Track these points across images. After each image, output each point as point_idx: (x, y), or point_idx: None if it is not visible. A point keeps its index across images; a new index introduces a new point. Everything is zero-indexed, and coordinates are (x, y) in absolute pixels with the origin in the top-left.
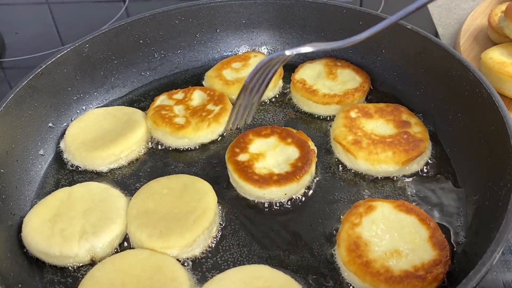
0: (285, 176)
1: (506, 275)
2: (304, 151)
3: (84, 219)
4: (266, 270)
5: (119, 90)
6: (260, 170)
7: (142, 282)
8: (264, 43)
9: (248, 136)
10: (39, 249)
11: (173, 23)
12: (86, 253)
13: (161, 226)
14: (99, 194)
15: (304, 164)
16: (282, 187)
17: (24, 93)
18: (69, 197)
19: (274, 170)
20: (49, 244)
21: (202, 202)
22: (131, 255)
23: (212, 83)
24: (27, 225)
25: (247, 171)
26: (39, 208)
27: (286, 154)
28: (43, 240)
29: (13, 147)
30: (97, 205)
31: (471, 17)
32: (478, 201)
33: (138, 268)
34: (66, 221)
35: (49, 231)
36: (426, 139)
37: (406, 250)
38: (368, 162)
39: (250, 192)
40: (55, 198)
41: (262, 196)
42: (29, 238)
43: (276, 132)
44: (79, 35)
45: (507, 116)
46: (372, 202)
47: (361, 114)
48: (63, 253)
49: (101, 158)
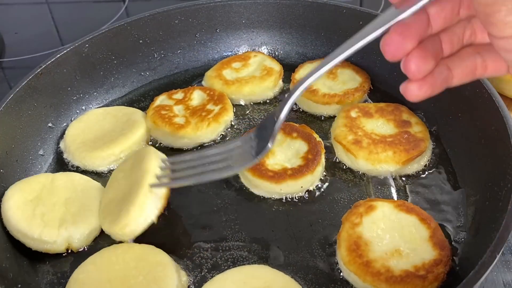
0: (299, 169)
1: (506, 275)
2: (312, 143)
3: (65, 207)
4: (266, 270)
5: (119, 90)
6: (273, 167)
7: (128, 273)
8: (264, 43)
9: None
10: (19, 228)
11: (173, 23)
12: (63, 241)
13: (117, 210)
14: (82, 185)
15: (315, 156)
16: (298, 180)
17: (24, 93)
18: (51, 183)
19: (286, 165)
20: (30, 225)
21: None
22: (110, 252)
23: (212, 83)
24: (9, 198)
25: (261, 169)
26: (21, 185)
27: (294, 148)
28: (23, 220)
29: (12, 147)
30: (79, 196)
31: None
32: (478, 201)
33: (120, 262)
34: (47, 206)
35: (31, 212)
36: (426, 139)
37: (407, 250)
38: (368, 162)
39: (267, 189)
40: (37, 181)
41: (279, 191)
42: (10, 213)
43: (280, 128)
44: (79, 35)
45: (507, 116)
46: (372, 202)
47: (361, 114)
48: (41, 238)
49: (101, 158)
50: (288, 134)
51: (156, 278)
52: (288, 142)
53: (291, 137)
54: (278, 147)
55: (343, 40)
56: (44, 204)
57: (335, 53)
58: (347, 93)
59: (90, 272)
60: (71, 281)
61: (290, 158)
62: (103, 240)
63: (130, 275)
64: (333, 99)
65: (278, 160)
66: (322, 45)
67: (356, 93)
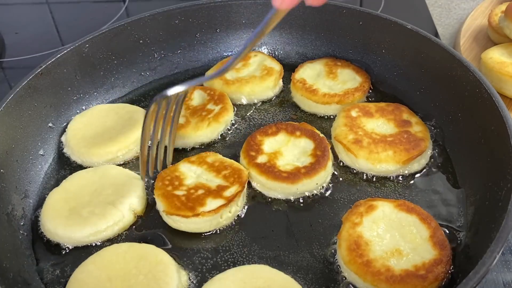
0: (311, 167)
1: (506, 275)
2: (317, 139)
3: (101, 195)
4: (266, 270)
5: (119, 90)
6: (285, 167)
7: (128, 272)
8: (264, 43)
9: (256, 138)
10: (88, 232)
11: (173, 23)
12: (129, 212)
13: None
14: (97, 175)
15: (323, 152)
16: (312, 177)
17: (24, 93)
18: (66, 192)
19: (297, 164)
20: (90, 222)
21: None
22: (110, 251)
23: (212, 83)
24: (51, 220)
25: (274, 171)
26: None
27: (300, 147)
28: (81, 223)
29: (13, 147)
30: (102, 182)
31: (471, 17)
32: (478, 201)
33: (120, 261)
34: (87, 202)
35: (79, 215)
36: (426, 138)
37: (407, 250)
38: (369, 161)
39: (283, 190)
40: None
41: (295, 191)
42: (69, 226)
43: (282, 128)
44: (79, 35)
45: (507, 116)
46: (373, 201)
47: (361, 114)
48: (113, 220)
49: (98, 155)
50: (291, 133)
51: (156, 278)
52: (293, 141)
53: (295, 136)
54: (284, 147)
55: (343, 40)
56: (83, 202)
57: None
58: (347, 93)
59: (91, 272)
60: (72, 281)
61: (299, 157)
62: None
63: (130, 274)
64: (333, 99)
65: (287, 160)
66: (322, 45)
67: (356, 93)
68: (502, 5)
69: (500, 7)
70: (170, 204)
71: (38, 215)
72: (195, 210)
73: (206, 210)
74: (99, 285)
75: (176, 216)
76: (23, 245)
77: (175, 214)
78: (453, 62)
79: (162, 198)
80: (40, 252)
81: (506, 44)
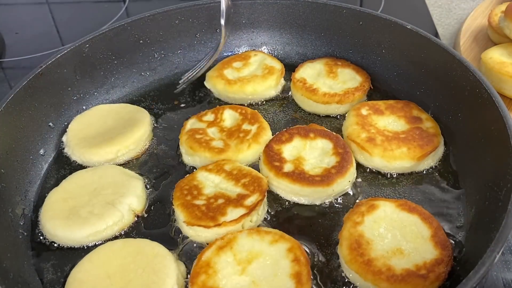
0: (340, 165)
1: (506, 275)
2: (333, 138)
3: (100, 195)
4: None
5: (119, 90)
6: (314, 171)
7: (127, 267)
8: (264, 43)
9: (273, 147)
10: (89, 232)
11: (173, 23)
12: (128, 212)
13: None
14: (96, 174)
15: (345, 149)
16: (344, 176)
17: (24, 93)
18: (65, 192)
19: (323, 165)
20: (90, 222)
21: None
22: (106, 248)
23: (214, 83)
24: (56, 227)
25: (306, 177)
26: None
27: (319, 148)
28: (82, 223)
29: (13, 147)
30: (101, 182)
31: (471, 17)
32: (478, 201)
33: (117, 257)
34: (86, 203)
35: (79, 216)
36: (438, 134)
37: (408, 249)
38: (384, 159)
39: (319, 195)
40: (55, 200)
41: (331, 193)
42: (72, 227)
43: (295, 133)
44: (79, 35)
45: (507, 116)
46: (374, 201)
47: (372, 111)
48: (112, 221)
49: (98, 155)
50: (305, 136)
51: (155, 270)
52: (309, 144)
53: (310, 138)
54: (304, 152)
55: (343, 40)
56: (82, 202)
57: None
58: (347, 92)
59: (88, 270)
60: (70, 281)
61: (321, 158)
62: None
63: (129, 269)
64: (333, 99)
65: (313, 164)
66: (322, 45)
67: (356, 93)
68: (502, 5)
69: (500, 7)
70: (190, 214)
71: (38, 215)
72: (217, 220)
73: (228, 220)
74: (99, 282)
75: (197, 226)
76: (23, 245)
77: (196, 225)
78: (453, 62)
79: (182, 208)
80: (40, 252)
81: (506, 44)
